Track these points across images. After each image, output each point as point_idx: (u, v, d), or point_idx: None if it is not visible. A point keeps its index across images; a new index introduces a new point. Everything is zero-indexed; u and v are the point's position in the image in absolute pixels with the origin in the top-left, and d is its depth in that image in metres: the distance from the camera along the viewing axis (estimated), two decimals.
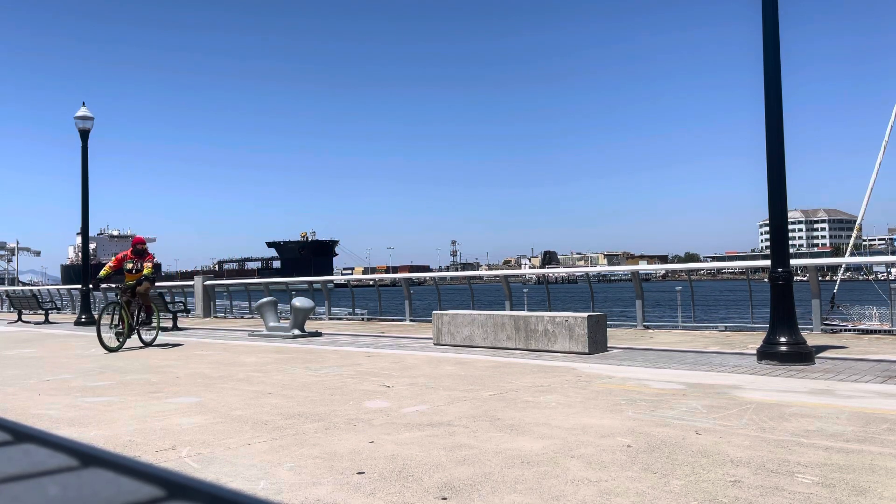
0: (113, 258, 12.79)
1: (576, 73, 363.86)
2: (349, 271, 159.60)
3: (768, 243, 9.18)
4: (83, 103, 18.67)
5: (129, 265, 12.28)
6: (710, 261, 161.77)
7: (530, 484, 3.60)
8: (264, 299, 14.58)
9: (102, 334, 11.31)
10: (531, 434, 4.72)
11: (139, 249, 12.36)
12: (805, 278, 12.94)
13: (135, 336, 11.93)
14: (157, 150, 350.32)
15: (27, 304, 22.67)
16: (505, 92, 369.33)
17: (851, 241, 30.63)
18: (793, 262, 9.02)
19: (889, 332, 12.30)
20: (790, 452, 4.11)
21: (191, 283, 23.33)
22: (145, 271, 12.06)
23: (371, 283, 23.70)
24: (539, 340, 9.78)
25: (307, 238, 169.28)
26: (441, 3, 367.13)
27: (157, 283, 31.74)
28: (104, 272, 12.37)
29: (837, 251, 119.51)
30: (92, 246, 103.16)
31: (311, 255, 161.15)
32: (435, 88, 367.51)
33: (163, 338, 12.92)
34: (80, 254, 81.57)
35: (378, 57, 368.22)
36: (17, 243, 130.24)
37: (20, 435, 0.65)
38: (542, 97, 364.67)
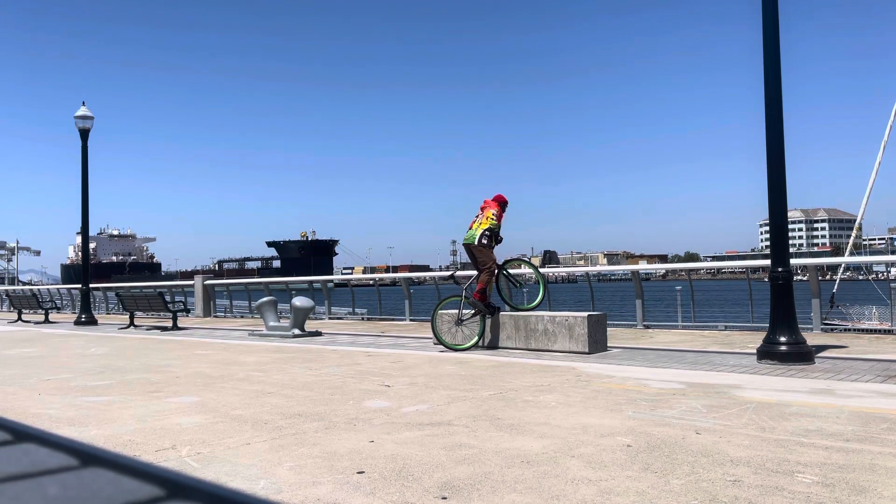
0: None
1: (576, 73, 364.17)
2: (349, 271, 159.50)
3: (768, 243, 9.18)
4: (83, 103, 18.84)
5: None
6: (710, 260, 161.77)
7: (530, 483, 3.61)
8: (264, 299, 14.59)
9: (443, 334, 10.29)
10: (531, 433, 4.72)
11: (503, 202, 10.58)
12: (805, 278, 12.95)
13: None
14: (157, 149, 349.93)
15: (27, 303, 22.68)
16: (505, 91, 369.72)
17: (851, 241, 30.62)
18: (793, 261, 9.02)
19: (889, 332, 12.30)
20: (790, 452, 4.11)
21: (191, 282, 23.35)
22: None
23: (371, 282, 23.66)
24: (539, 340, 9.78)
25: (307, 238, 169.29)
26: (440, 2, 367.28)
27: (156, 283, 31.44)
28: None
29: (837, 251, 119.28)
30: (92, 245, 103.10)
31: (311, 255, 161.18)
32: (435, 88, 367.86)
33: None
34: (80, 253, 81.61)
35: (378, 57, 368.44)
36: (17, 243, 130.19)
37: (20, 434, 0.66)
38: (542, 96, 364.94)
